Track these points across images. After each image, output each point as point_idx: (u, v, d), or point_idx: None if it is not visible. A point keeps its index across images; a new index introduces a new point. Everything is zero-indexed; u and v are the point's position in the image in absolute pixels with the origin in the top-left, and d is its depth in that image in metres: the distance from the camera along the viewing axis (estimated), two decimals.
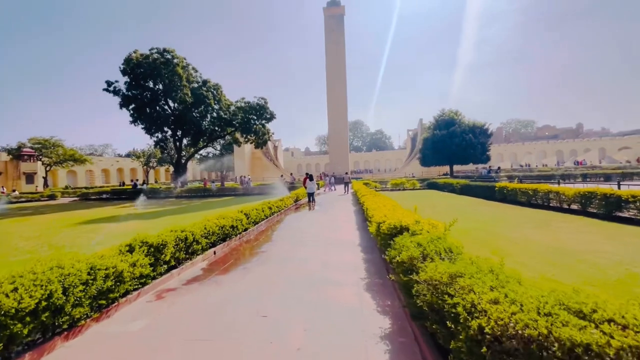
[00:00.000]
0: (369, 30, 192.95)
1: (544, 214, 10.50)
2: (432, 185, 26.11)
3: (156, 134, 31.61)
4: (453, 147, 31.03)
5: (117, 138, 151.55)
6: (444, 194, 20.46)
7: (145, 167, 69.53)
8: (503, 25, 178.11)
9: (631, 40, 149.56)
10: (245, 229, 8.44)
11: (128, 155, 76.92)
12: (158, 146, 32.95)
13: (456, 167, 53.98)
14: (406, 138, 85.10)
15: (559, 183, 16.34)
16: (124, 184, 33.80)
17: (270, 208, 11.37)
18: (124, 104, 27.89)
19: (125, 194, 30.00)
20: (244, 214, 8.58)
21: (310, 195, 16.98)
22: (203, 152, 77.43)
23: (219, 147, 75.09)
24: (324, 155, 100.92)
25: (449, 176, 36.74)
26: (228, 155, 74.68)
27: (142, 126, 31.31)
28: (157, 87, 29.59)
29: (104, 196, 30.01)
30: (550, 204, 11.86)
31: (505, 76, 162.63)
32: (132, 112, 29.64)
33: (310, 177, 17.30)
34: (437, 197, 18.85)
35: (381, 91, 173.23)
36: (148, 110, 29.79)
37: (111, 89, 27.38)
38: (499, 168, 34.41)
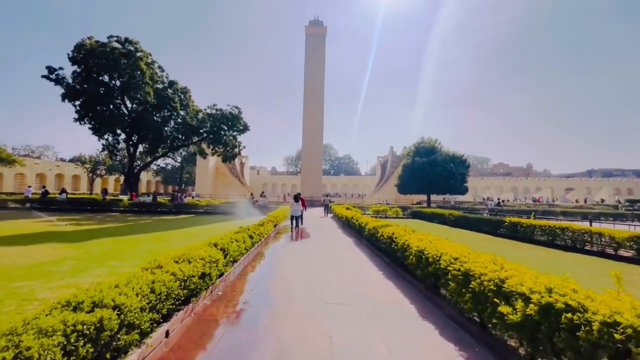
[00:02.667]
0: (345, 58, 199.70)
1: (595, 261, 8.58)
2: (416, 215, 24.29)
3: (105, 136, 26.93)
4: (434, 175, 29.93)
5: (62, 141, 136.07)
6: (438, 226, 18.48)
7: (90, 174, 61.69)
8: (458, 71, 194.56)
9: (573, 93, 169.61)
10: (221, 274, 5.33)
11: (73, 161, 67.69)
12: (106, 150, 28.06)
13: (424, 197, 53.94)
14: (376, 164, 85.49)
15: (584, 220, 14.92)
16: (46, 192, 28.09)
17: (251, 237, 8.28)
18: (67, 96, 23.26)
19: (55, 204, 24.60)
20: (220, 249, 5.50)
21: (295, 219, 14.06)
22: (161, 163, 71.11)
23: (179, 159, 69.21)
24: (291, 175, 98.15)
25: (423, 205, 35.66)
26: (190, 168, 68.87)
27: (90, 125, 26.60)
28: (114, 82, 25.43)
29: (28, 205, 24.30)
30: (585, 247, 10.10)
31: (459, 116, 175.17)
32: (78, 107, 24.98)
33: (296, 198, 14.41)
34: (435, 230, 16.75)
35: (350, 118, 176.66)
36: (99, 108, 25.32)
37: (53, 76, 22.71)
38: (502, 200, 33.09)
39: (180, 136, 28.95)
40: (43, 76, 22.57)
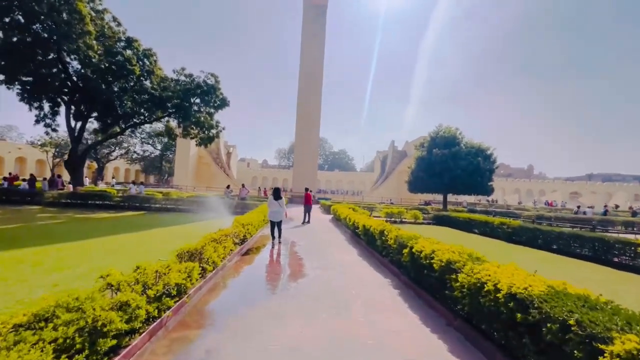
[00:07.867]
0: (341, 49, 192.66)
1: None
2: (442, 221, 18.62)
3: (38, 104, 20.51)
4: (458, 170, 24.21)
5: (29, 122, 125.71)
6: (486, 241, 12.78)
7: (56, 158, 54.46)
8: (450, 71, 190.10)
9: (571, 96, 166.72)
10: None
11: (43, 144, 60.20)
12: (42, 123, 21.51)
13: (434, 197, 47.80)
14: (374, 160, 79.93)
15: None
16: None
17: (127, 320, 2.39)
18: None
19: None
20: None
21: (276, 227, 8.20)
22: (139, 149, 63.96)
23: (159, 146, 62.26)
24: (283, 169, 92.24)
25: (434, 206, 30.17)
26: (172, 156, 61.87)
27: (19, 89, 20.23)
28: (50, 34, 18.89)
29: None
30: None
31: (454, 114, 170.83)
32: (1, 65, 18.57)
33: (276, 194, 8.47)
34: (498, 249, 10.96)
35: (347, 113, 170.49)
36: (26, 65, 18.88)
37: None
38: (604, 208, 24.95)
39: (140, 110, 22.59)
40: None
